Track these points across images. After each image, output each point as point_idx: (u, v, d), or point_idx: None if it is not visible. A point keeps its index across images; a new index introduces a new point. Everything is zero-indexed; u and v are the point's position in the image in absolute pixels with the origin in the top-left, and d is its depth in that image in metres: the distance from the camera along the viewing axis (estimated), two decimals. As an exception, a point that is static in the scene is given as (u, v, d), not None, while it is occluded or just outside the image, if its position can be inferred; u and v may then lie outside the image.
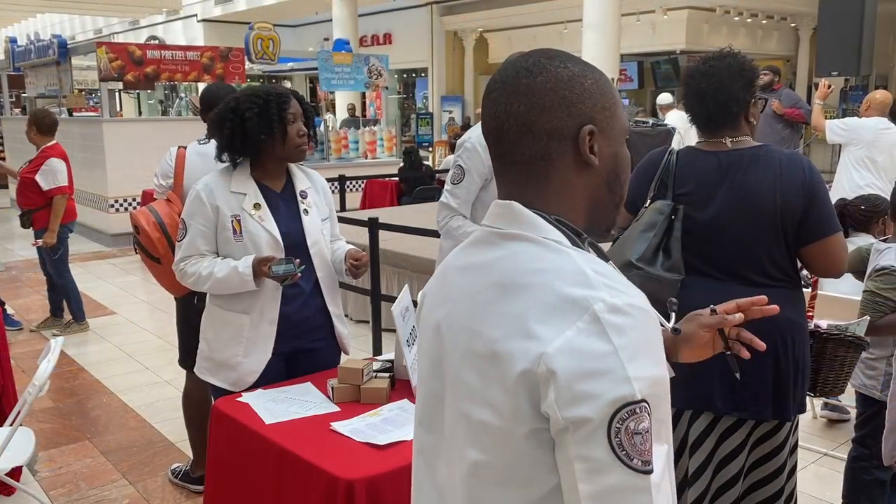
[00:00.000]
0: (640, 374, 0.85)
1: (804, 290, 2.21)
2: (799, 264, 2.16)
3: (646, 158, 2.29)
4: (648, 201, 2.20)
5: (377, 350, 4.69)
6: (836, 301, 3.27)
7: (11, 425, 2.68)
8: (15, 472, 3.00)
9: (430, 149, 15.41)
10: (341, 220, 2.83)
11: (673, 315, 1.40)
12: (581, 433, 0.85)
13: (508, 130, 0.99)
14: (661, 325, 1.16)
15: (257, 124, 2.39)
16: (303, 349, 2.56)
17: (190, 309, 3.15)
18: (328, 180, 2.82)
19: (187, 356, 3.24)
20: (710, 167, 2.12)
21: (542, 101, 0.97)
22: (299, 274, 2.39)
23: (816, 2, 7.90)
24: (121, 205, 9.00)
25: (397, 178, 9.43)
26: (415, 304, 3.02)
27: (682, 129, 7.47)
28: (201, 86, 11.95)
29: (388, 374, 2.33)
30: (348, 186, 9.02)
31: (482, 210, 3.02)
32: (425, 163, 10.09)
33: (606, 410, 0.84)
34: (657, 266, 2.12)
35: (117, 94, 15.70)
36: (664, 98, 9.26)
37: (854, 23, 7.19)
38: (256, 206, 2.45)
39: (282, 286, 2.44)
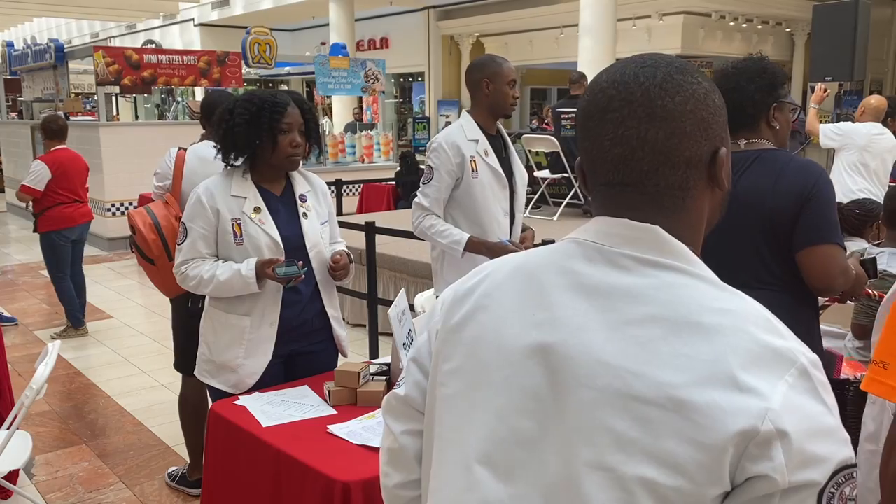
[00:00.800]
0: (847, 436, 0.79)
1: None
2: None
3: None
4: None
5: (373, 353, 4.71)
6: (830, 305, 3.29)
7: (9, 429, 2.69)
8: (12, 476, 3.01)
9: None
10: (338, 224, 2.85)
11: None
12: (796, 498, 0.75)
13: (641, 160, 0.86)
14: None
15: (245, 131, 2.40)
16: (301, 352, 2.58)
17: (183, 311, 3.16)
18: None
19: (183, 359, 3.25)
20: None
21: (682, 126, 0.85)
22: (303, 276, 2.41)
23: (811, 7, 7.95)
24: (118, 209, 9.00)
25: (394, 183, 9.44)
26: (412, 307, 3.04)
27: None
28: (198, 90, 11.97)
29: (384, 378, 2.35)
30: (345, 190, 9.03)
31: (458, 210, 3.03)
32: (422, 167, 10.10)
33: (829, 473, 0.76)
34: None
35: (114, 98, 15.70)
36: None
37: (848, 28, 7.22)
38: (257, 209, 2.46)
39: (283, 289, 2.46)
